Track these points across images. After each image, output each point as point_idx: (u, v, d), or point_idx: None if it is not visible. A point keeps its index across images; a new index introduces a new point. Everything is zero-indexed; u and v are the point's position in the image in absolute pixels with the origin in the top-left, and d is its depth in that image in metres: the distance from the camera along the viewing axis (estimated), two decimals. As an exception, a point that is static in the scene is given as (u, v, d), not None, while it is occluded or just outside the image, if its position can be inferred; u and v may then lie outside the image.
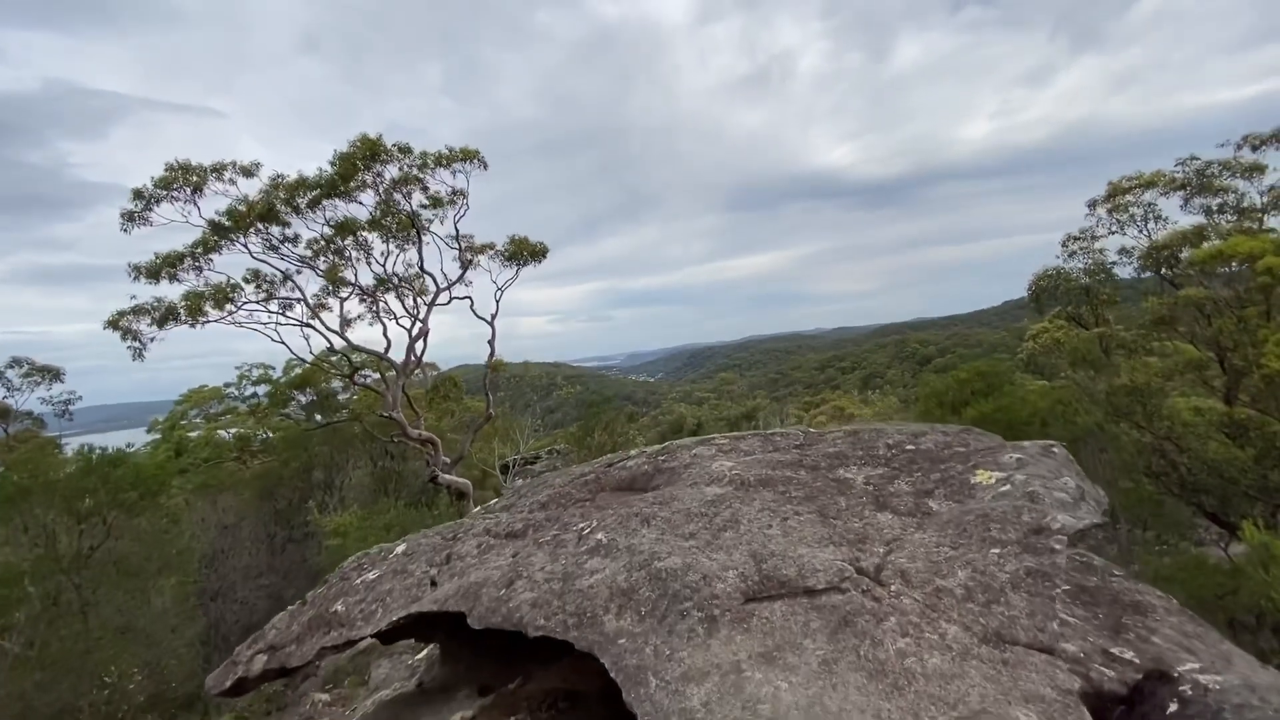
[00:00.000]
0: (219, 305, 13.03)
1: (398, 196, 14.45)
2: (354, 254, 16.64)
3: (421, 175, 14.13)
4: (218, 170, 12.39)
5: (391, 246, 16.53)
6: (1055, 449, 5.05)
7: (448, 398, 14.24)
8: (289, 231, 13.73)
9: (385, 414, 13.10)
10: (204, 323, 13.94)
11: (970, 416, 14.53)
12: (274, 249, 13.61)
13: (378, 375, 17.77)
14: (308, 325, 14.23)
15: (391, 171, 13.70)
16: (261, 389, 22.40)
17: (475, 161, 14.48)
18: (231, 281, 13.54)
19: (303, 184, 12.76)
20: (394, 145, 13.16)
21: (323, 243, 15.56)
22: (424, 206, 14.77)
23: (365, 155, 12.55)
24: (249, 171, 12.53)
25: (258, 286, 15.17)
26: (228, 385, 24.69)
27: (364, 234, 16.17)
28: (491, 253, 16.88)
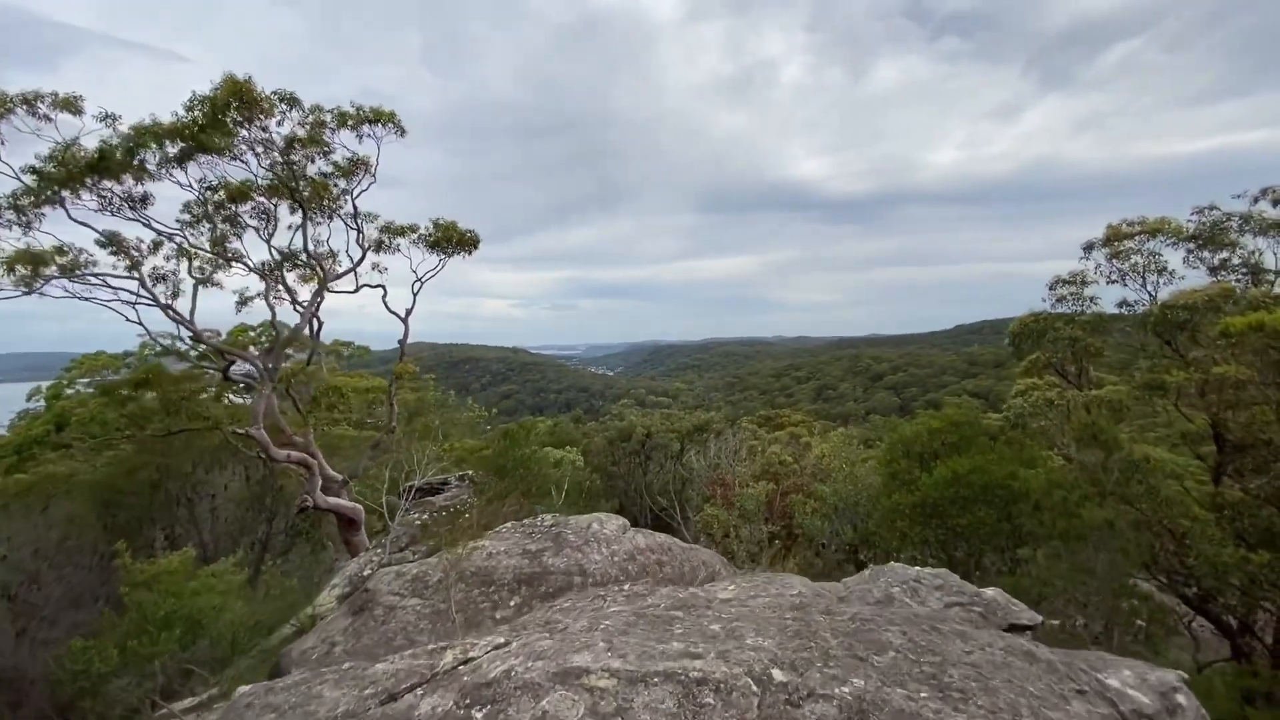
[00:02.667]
0: (32, 273, 10.19)
1: (296, 159, 11.81)
2: (253, 224, 13.94)
3: (318, 136, 11.52)
4: (29, 102, 9.51)
5: (299, 219, 13.88)
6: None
7: (334, 406, 11.70)
8: (138, 190, 10.93)
9: (240, 430, 10.49)
10: (31, 292, 11.06)
11: (941, 475, 12.86)
12: (112, 209, 10.81)
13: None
14: (170, 311, 11.42)
15: (283, 128, 11.08)
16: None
17: (389, 126, 11.96)
18: (60, 246, 10.69)
19: (150, 132, 10.02)
20: (274, 94, 10.55)
21: (203, 208, 12.80)
22: (325, 175, 12.17)
23: (230, 101, 9.93)
24: (71, 106, 9.67)
25: (116, 253, 12.32)
26: (128, 355, 21.37)
27: (264, 201, 13.48)
28: (414, 236, 14.35)
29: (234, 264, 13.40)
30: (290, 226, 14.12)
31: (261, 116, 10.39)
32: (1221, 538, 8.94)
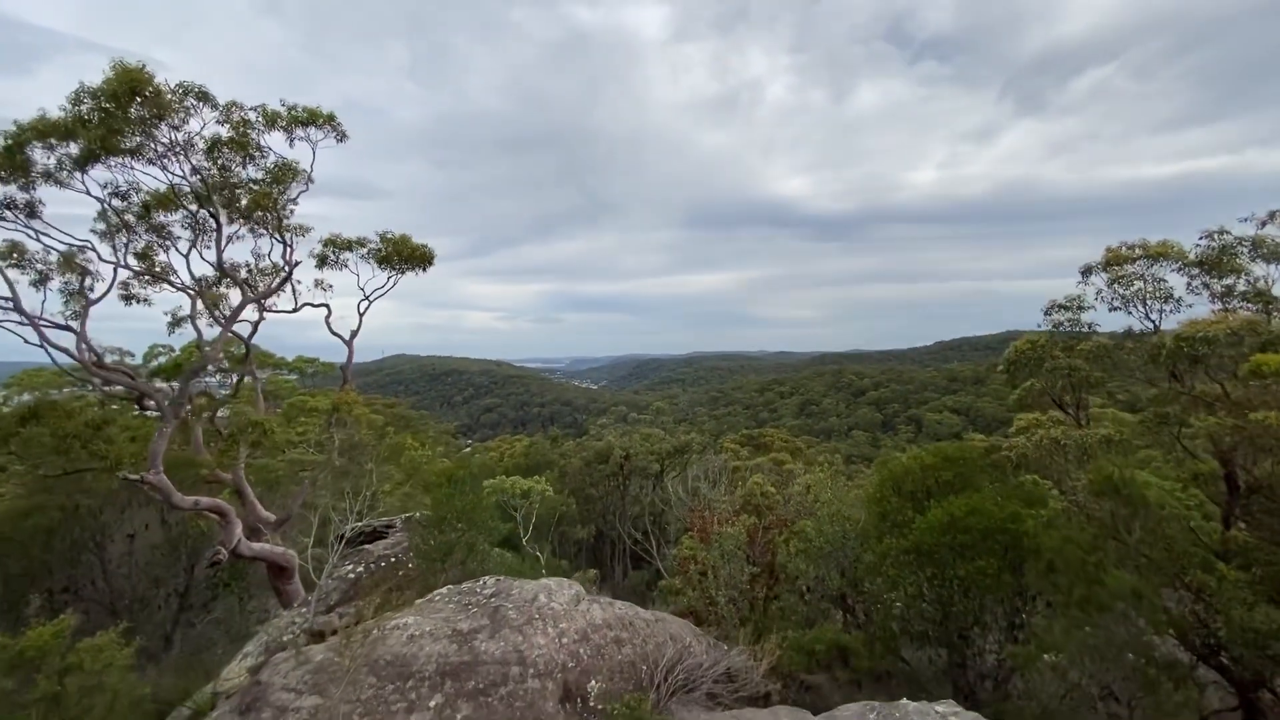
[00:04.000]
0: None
1: (225, 164, 10.49)
2: (183, 235, 12.55)
3: (244, 138, 10.22)
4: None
5: (237, 231, 12.54)
6: None
7: (257, 443, 10.27)
8: (20, 196, 9.50)
9: (129, 476, 8.97)
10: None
11: (936, 519, 11.75)
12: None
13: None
14: (77, 340, 9.91)
15: (204, 129, 9.74)
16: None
17: (328, 128, 10.70)
18: None
19: (32, 129, 8.62)
20: (179, 86, 9.24)
21: (118, 217, 11.42)
22: (255, 182, 10.84)
23: (122, 93, 8.60)
24: None
25: (18, 265, 10.88)
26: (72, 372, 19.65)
27: (190, 210, 12.11)
28: (363, 251, 13.05)
29: (157, 281, 11.99)
30: (230, 239, 12.80)
31: (162, 112, 9.07)
32: (1253, 599, 7.90)
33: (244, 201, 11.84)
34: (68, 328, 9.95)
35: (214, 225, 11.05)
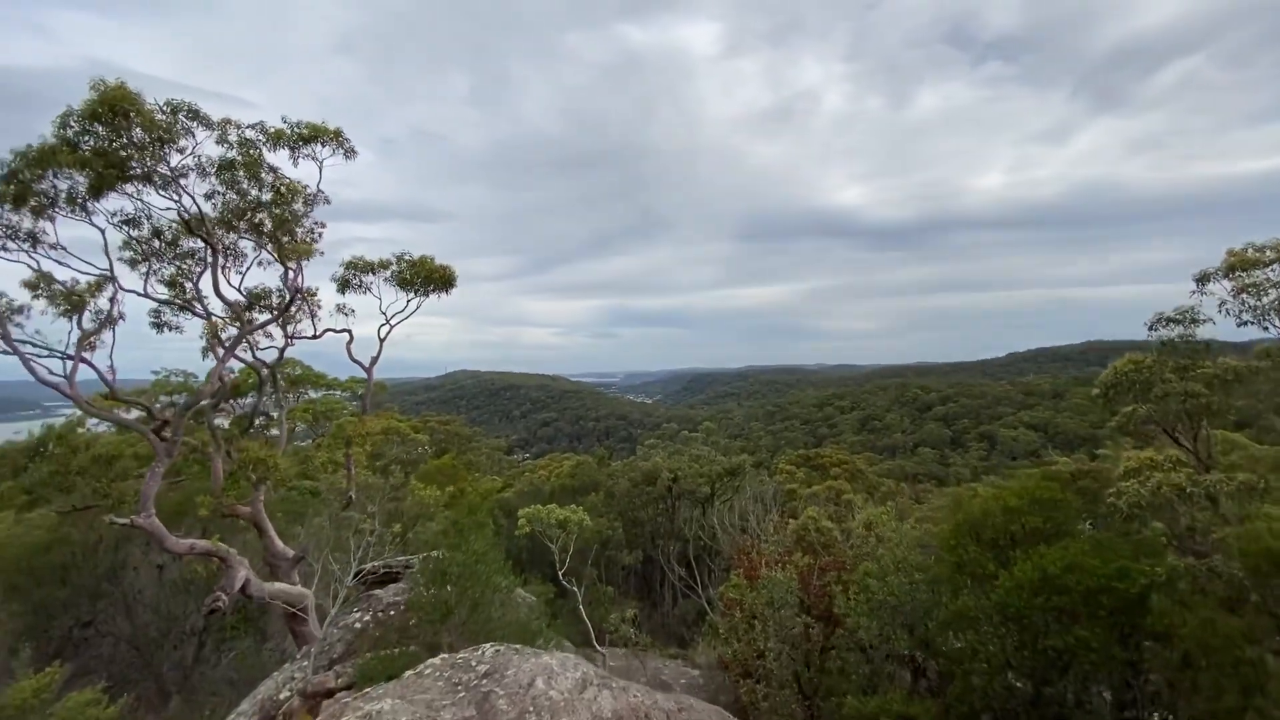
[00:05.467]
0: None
1: (235, 188, 10.04)
2: (213, 259, 12.28)
3: (253, 159, 9.74)
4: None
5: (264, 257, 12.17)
6: None
7: (262, 479, 9.60)
8: (25, 224, 9.25)
9: (116, 520, 8.47)
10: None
11: (1024, 575, 9.95)
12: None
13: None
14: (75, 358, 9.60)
15: (200, 150, 9.30)
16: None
17: (332, 145, 10.11)
18: None
19: (22, 155, 8.27)
20: (166, 104, 8.76)
21: (145, 245, 11.19)
22: (250, 207, 10.31)
23: (104, 113, 8.16)
24: None
25: (51, 296, 10.72)
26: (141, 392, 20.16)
27: (224, 236, 11.81)
28: (386, 274, 12.45)
29: (182, 309, 11.70)
30: (262, 264, 12.49)
31: (161, 134, 8.64)
32: None
33: (268, 226, 11.46)
34: (69, 356, 9.63)
35: (227, 251, 10.65)
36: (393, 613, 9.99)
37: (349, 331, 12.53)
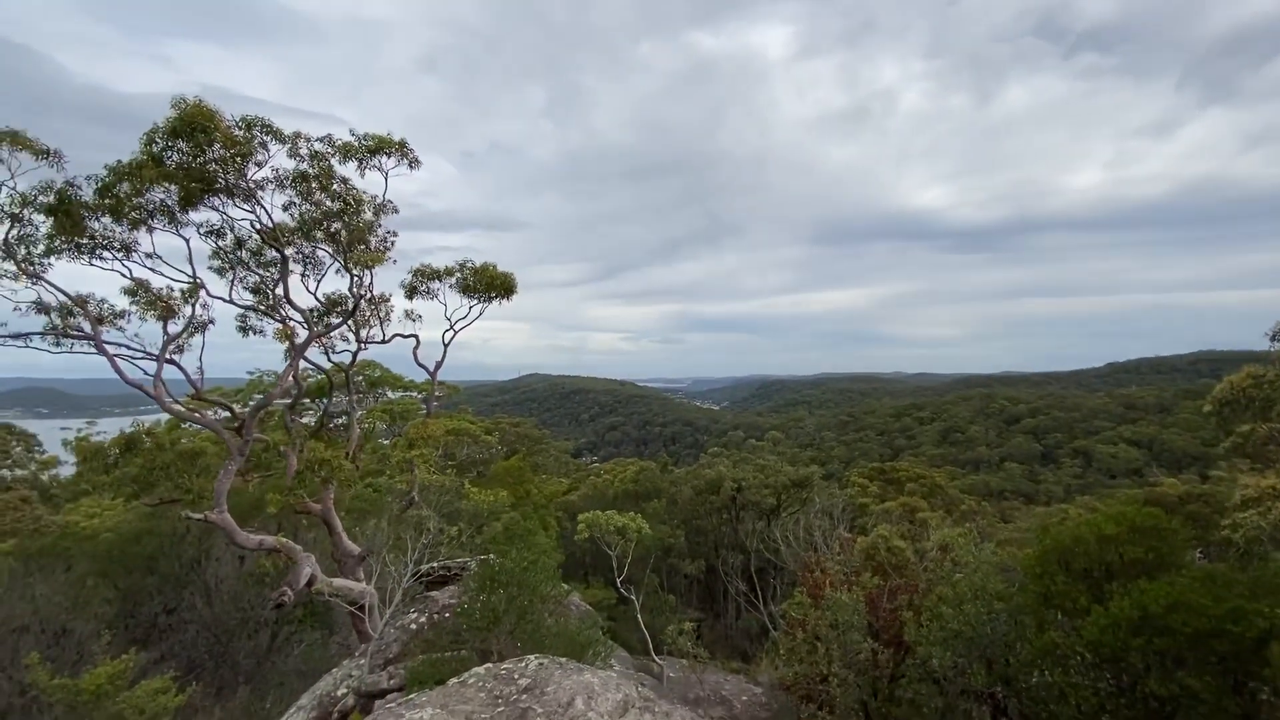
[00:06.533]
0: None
1: (311, 199, 10.55)
2: (296, 265, 13.01)
3: (327, 170, 10.19)
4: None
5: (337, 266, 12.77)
6: None
7: (327, 480, 9.94)
8: (125, 235, 10.00)
9: (191, 515, 8.98)
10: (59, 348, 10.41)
11: (1122, 613, 8.96)
12: (93, 256, 9.93)
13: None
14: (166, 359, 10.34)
15: (272, 162, 9.81)
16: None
17: (396, 155, 10.42)
18: (81, 296, 9.91)
19: (118, 171, 8.95)
20: (243, 119, 9.25)
21: (233, 254, 11.94)
22: (325, 216, 10.77)
23: (183, 129, 8.70)
24: (25, 144, 8.70)
25: (144, 302, 11.59)
26: (238, 392, 21.80)
27: (302, 245, 12.48)
28: (451, 281, 12.76)
29: (265, 314, 12.39)
30: (339, 272, 13.12)
31: (240, 149, 9.17)
32: None
33: (344, 236, 12.00)
34: (156, 357, 10.33)
35: (306, 260, 11.21)
36: (447, 615, 10.11)
37: (415, 336, 12.94)
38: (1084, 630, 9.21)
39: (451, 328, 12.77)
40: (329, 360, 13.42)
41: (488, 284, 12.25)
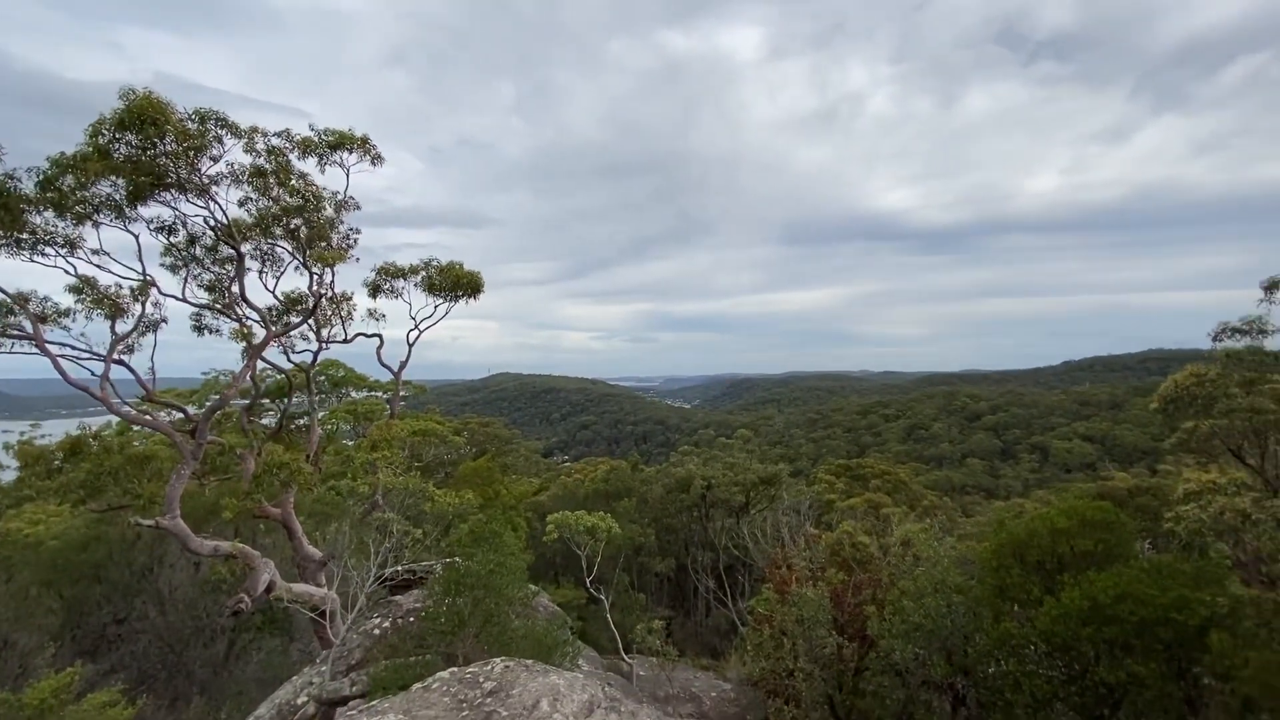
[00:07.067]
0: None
1: (269, 195, 10.25)
2: (254, 263, 12.63)
3: (284, 165, 9.93)
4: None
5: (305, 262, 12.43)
6: None
7: (286, 484, 9.65)
8: (64, 230, 9.57)
9: (141, 521, 8.69)
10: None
11: (1072, 604, 9.29)
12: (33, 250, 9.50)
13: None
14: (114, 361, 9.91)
15: (226, 157, 9.50)
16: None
17: (358, 152, 10.22)
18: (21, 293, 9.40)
19: (60, 164, 8.57)
20: (195, 113, 8.97)
21: (186, 251, 11.54)
22: (284, 213, 10.50)
23: (132, 121, 8.40)
24: None
25: (91, 300, 11.11)
26: (192, 393, 21.03)
27: (260, 242, 12.12)
28: (416, 279, 12.56)
29: (221, 313, 12.01)
30: (296, 269, 12.78)
31: (194, 142, 8.87)
32: None
33: (304, 233, 11.70)
34: (103, 358, 9.90)
35: (264, 257, 10.91)
36: (412, 619, 9.97)
37: (379, 336, 12.71)
38: (1037, 621, 9.54)
39: (416, 327, 12.59)
40: (289, 360, 13.10)
41: (454, 283, 12.10)
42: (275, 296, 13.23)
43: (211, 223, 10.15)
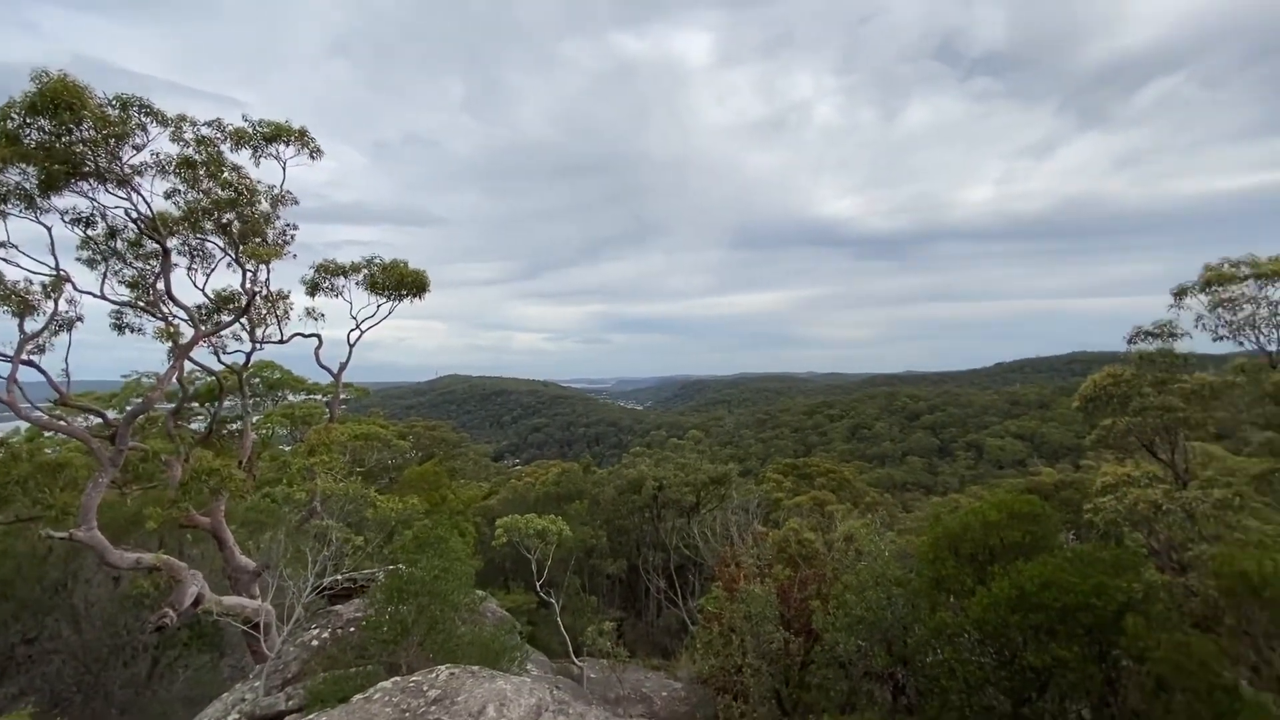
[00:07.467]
0: None
1: (199, 187, 9.74)
2: (181, 258, 11.95)
3: (215, 157, 9.46)
4: None
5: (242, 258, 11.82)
6: None
7: (216, 491, 9.15)
8: None
9: (53, 534, 8.07)
10: None
11: (1002, 593, 9.76)
12: None
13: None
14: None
15: (150, 146, 8.99)
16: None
17: (295, 144, 9.84)
18: None
19: None
20: (115, 98, 8.46)
21: (107, 245, 10.85)
22: (215, 206, 10.02)
23: (44, 106, 7.88)
24: None
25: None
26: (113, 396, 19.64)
27: (188, 236, 11.48)
28: (358, 277, 12.16)
29: (144, 311, 11.33)
30: (228, 265, 12.17)
31: (114, 129, 8.36)
32: None
33: (236, 228, 11.16)
34: (10, 358, 9.14)
35: (193, 253, 10.34)
36: (353, 629, 9.66)
37: (318, 336, 12.23)
38: (970, 610, 9.96)
39: (358, 327, 12.18)
40: (220, 361, 12.47)
41: (398, 281, 11.76)
42: (205, 294, 12.61)
43: (134, 215, 9.56)
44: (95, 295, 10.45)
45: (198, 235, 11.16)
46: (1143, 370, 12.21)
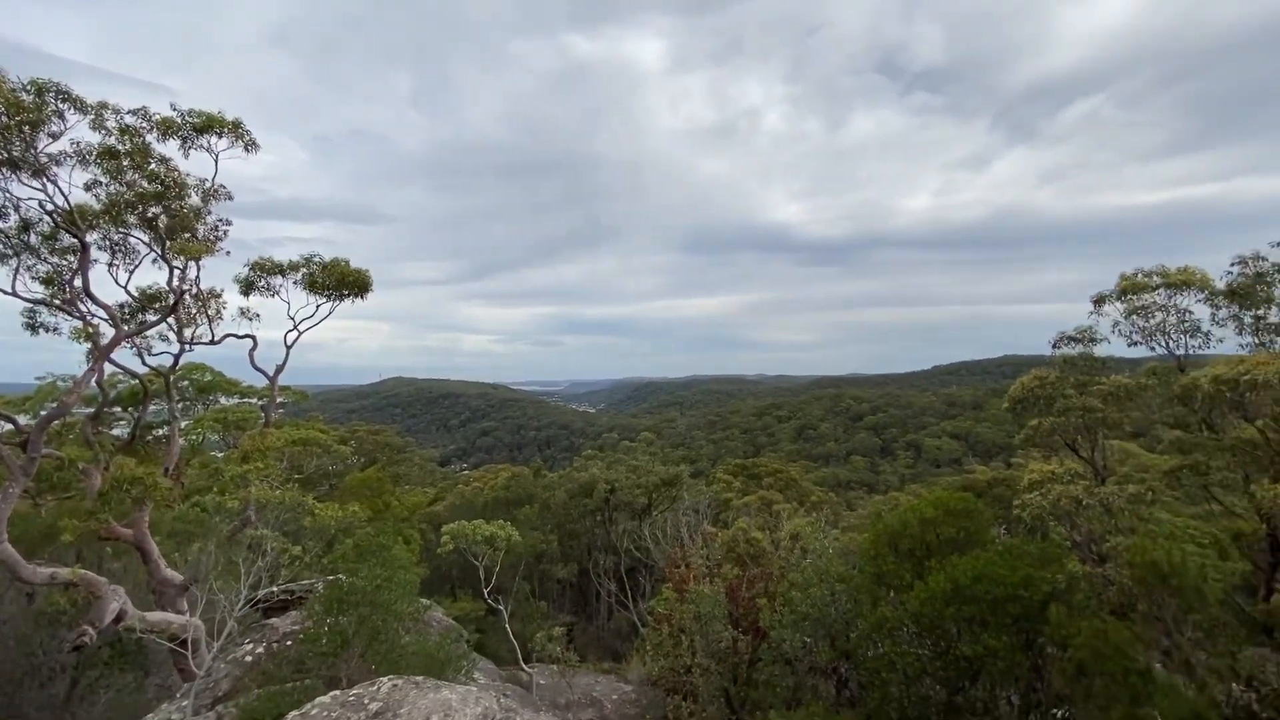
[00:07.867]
0: None
1: (122, 179, 9.17)
2: (102, 254, 11.21)
3: (140, 147, 8.95)
4: None
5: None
6: None
7: (139, 500, 8.64)
8: None
9: None
10: None
11: (938, 586, 10.19)
12: None
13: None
14: None
15: (61, 134, 8.43)
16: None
17: (229, 136, 9.42)
18: None
19: None
20: (31, 83, 7.90)
21: (6, 235, 10.10)
22: (140, 199, 9.49)
23: None
24: None
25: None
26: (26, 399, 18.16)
27: (110, 230, 10.79)
28: (296, 277, 11.70)
29: (60, 309, 10.60)
30: (154, 261, 11.49)
31: (29, 116, 7.80)
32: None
33: (163, 223, 10.57)
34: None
35: (115, 248, 9.73)
36: (289, 643, 9.28)
37: (252, 337, 11.70)
38: (908, 604, 10.35)
39: (296, 328, 11.71)
40: (144, 363, 11.77)
41: (339, 281, 11.37)
42: (128, 292, 11.91)
43: (50, 208, 8.94)
44: (6, 292, 9.72)
45: (120, 230, 10.52)
46: (1066, 373, 12.96)
